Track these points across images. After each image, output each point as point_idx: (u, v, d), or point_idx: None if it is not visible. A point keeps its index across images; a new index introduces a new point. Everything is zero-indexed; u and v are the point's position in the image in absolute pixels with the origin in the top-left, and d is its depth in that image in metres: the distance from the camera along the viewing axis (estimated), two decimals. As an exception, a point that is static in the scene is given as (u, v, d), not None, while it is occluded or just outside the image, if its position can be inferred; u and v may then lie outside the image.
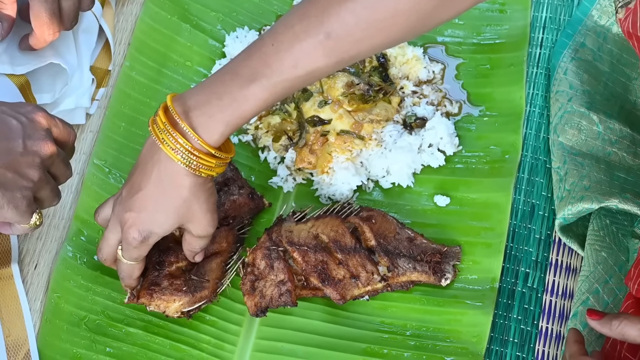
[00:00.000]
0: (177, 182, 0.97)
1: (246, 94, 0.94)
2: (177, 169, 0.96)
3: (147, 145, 0.98)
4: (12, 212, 0.94)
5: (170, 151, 0.95)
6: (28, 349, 1.08)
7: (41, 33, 1.10)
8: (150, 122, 0.97)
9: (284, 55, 0.93)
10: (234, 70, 0.96)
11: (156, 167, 0.97)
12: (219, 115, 0.94)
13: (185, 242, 1.05)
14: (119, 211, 1.00)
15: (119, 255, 1.03)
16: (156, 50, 1.31)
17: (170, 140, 0.94)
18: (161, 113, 0.96)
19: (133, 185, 0.98)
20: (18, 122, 0.94)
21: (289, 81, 0.94)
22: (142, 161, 0.98)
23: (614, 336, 0.92)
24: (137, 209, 0.98)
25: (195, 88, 0.97)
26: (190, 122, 0.94)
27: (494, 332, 1.12)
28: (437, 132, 1.22)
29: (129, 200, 0.98)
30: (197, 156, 0.95)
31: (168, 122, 0.95)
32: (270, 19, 1.35)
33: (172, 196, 0.97)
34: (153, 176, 0.97)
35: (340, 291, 1.09)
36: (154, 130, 0.96)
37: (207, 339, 1.11)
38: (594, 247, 1.10)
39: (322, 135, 1.21)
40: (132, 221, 0.99)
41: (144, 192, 0.98)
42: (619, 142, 1.18)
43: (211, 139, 0.95)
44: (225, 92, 0.94)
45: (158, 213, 0.98)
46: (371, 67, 1.24)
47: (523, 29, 1.31)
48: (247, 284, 1.09)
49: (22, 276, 1.13)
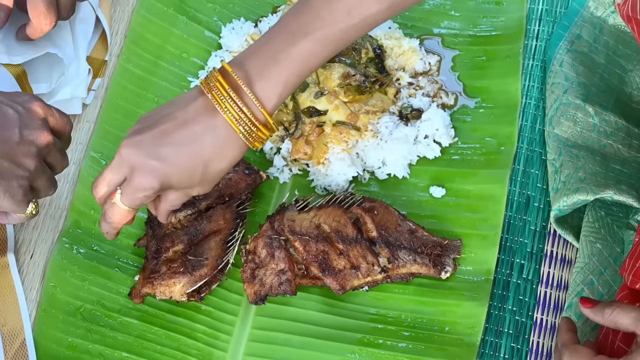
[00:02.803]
0: (225, 151, 0.95)
1: (299, 49, 0.93)
2: (232, 138, 0.94)
3: (199, 104, 0.94)
4: (8, 201, 0.94)
5: (233, 121, 0.93)
6: (24, 338, 1.08)
7: (38, 23, 1.10)
8: (205, 86, 0.94)
9: (336, 4, 0.92)
10: (285, 28, 0.94)
11: (209, 132, 0.93)
12: (276, 77, 0.93)
13: (167, 200, 1.00)
14: (136, 154, 0.94)
15: (116, 198, 0.97)
16: (152, 42, 1.31)
17: (235, 110, 0.93)
18: (221, 78, 0.93)
19: (166, 134, 0.94)
20: (15, 112, 0.94)
21: (343, 31, 0.93)
22: (189, 118, 0.94)
23: (606, 324, 0.92)
24: (166, 160, 0.94)
25: (248, 52, 0.95)
26: (253, 89, 0.93)
27: (489, 323, 1.13)
28: (432, 124, 1.22)
29: (157, 148, 0.94)
30: (256, 127, 0.94)
31: (232, 89, 0.93)
32: (266, 10, 1.35)
33: (213, 163, 0.95)
34: (202, 139, 0.94)
35: (340, 281, 1.09)
36: (214, 96, 0.93)
37: (203, 329, 1.12)
38: (589, 239, 1.10)
39: (318, 126, 1.21)
40: (153, 169, 0.93)
41: (182, 148, 0.94)
42: (614, 134, 1.18)
43: (270, 103, 0.94)
44: (278, 51, 0.93)
45: (186, 172, 0.95)
46: (367, 58, 1.24)
47: (519, 21, 1.31)
48: (247, 271, 1.09)
49: (18, 266, 1.13)
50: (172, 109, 0.96)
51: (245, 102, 0.93)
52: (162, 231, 1.12)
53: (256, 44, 0.96)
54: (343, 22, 0.93)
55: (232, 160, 0.96)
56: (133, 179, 0.95)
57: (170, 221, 1.13)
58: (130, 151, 0.94)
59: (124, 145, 0.95)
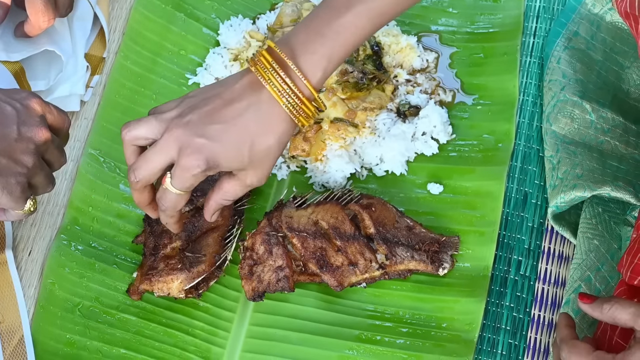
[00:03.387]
0: (270, 126, 0.94)
1: (343, 22, 0.94)
2: (277, 112, 0.94)
3: (245, 81, 0.95)
4: (7, 198, 0.94)
5: (276, 93, 0.93)
6: (22, 334, 1.09)
7: (36, 20, 1.10)
8: (251, 63, 0.94)
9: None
10: (328, 4, 0.95)
11: (254, 107, 0.93)
12: (321, 50, 0.93)
13: (221, 190, 0.99)
14: (183, 134, 0.92)
15: (167, 184, 0.95)
16: (150, 39, 1.31)
17: (278, 82, 0.93)
18: (266, 53, 0.94)
19: (213, 113, 0.93)
20: (12, 109, 0.94)
21: (385, 3, 0.94)
22: (235, 95, 0.94)
23: (604, 320, 0.92)
24: (213, 137, 0.92)
25: (294, 30, 0.96)
26: (297, 63, 0.93)
27: (487, 320, 1.13)
28: (430, 121, 1.22)
29: (203, 127, 0.93)
30: (301, 100, 0.93)
31: (277, 63, 0.93)
32: (264, 7, 1.35)
33: (259, 138, 0.94)
34: (246, 114, 0.93)
35: (338, 278, 1.09)
36: (258, 70, 0.93)
37: (201, 325, 1.12)
38: (586, 235, 1.10)
39: (315, 122, 1.21)
40: (200, 147, 0.92)
41: (228, 125, 0.93)
42: (611, 131, 1.18)
43: (315, 77, 0.94)
44: (323, 26, 0.94)
45: (234, 149, 0.93)
46: (365, 55, 1.24)
47: (517, 18, 1.31)
48: (245, 268, 1.09)
49: (17, 262, 1.13)
50: (220, 89, 0.96)
51: (289, 75, 0.93)
52: (160, 228, 1.12)
53: (301, 22, 0.96)
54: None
55: (279, 137, 0.95)
56: (181, 159, 0.93)
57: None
58: (179, 131, 0.93)
59: (172, 126, 0.93)
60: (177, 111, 0.95)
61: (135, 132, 0.95)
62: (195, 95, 0.96)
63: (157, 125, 0.94)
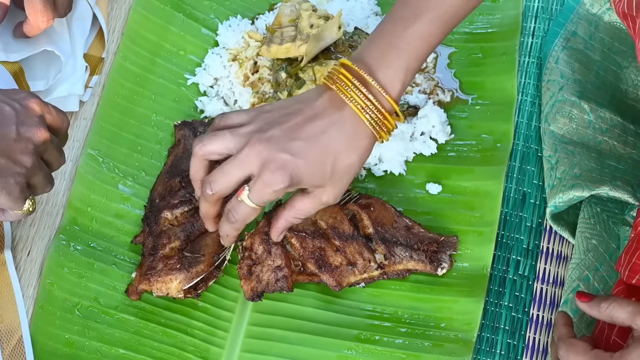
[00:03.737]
0: (353, 143, 0.94)
1: (414, 32, 0.94)
2: (360, 129, 0.94)
3: (325, 98, 0.95)
4: (5, 198, 0.94)
5: (359, 110, 0.93)
6: (21, 335, 1.09)
7: (35, 20, 1.10)
8: (330, 81, 0.95)
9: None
10: (395, 17, 0.96)
11: (337, 124, 0.94)
12: (396, 62, 0.94)
13: (293, 208, 0.98)
14: (265, 149, 0.92)
15: (244, 197, 0.94)
16: (149, 39, 1.31)
17: (361, 98, 0.93)
18: (344, 71, 0.94)
19: (296, 129, 0.93)
20: (11, 109, 0.94)
21: (453, 7, 0.96)
22: (317, 112, 0.94)
23: (602, 318, 0.92)
24: (297, 154, 0.92)
25: (364, 46, 0.97)
26: (376, 78, 0.94)
27: (485, 320, 1.13)
28: (429, 121, 1.22)
29: (287, 142, 0.93)
30: (383, 115, 0.94)
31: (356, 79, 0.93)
32: (263, 7, 1.35)
33: (342, 156, 0.94)
34: (330, 131, 0.93)
35: (336, 278, 1.09)
36: (339, 88, 0.94)
37: (200, 325, 1.12)
38: (585, 235, 1.10)
39: (314, 123, 1.21)
40: (284, 163, 0.92)
41: (312, 142, 0.93)
42: (609, 131, 1.18)
43: (394, 90, 0.94)
44: (395, 38, 0.95)
45: (317, 166, 0.93)
46: (364, 55, 1.24)
47: (515, 18, 1.31)
48: (244, 268, 1.09)
49: (15, 263, 1.13)
50: (300, 105, 0.96)
51: (370, 90, 0.94)
52: (159, 228, 1.13)
53: (370, 38, 0.97)
54: None
55: (361, 153, 0.95)
56: (264, 175, 0.93)
57: (167, 218, 1.13)
58: (262, 147, 0.93)
59: (253, 141, 0.93)
60: (255, 126, 0.95)
61: (210, 147, 0.95)
62: (272, 110, 0.97)
63: (233, 140, 0.94)
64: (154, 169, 1.22)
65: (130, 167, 1.22)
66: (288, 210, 0.99)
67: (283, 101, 0.98)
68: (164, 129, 1.25)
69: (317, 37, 1.20)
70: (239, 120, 0.97)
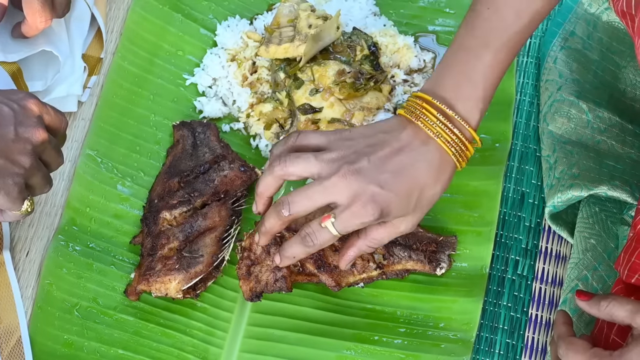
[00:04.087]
0: (439, 175, 0.97)
1: (487, 62, 0.97)
2: (445, 161, 0.97)
3: (410, 132, 0.97)
4: (4, 198, 0.94)
5: (445, 144, 0.96)
6: (19, 335, 1.09)
7: (33, 21, 1.10)
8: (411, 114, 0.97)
9: (504, 11, 0.96)
10: (464, 46, 0.98)
11: (423, 157, 0.96)
12: (474, 94, 0.96)
13: (368, 237, 1.00)
14: (356, 181, 0.94)
15: (328, 224, 0.95)
16: (148, 40, 1.31)
17: (447, 133, 0.95)
18: (428, 107, 0.96)
19: (385, 161, 0.95)
20: (10, 109, 0.95)
21: (517, 33, 0.97)
22: (404, 145, 0.96)
23: (602, 317, 0.92)
24: (386, 186, 0.94)
25: (435, 79, 0.99)
26: (457, 111, 0.96)
27: (484, 319, 1.13)
28: (427, 121, 1.22)
29: (377, 175, 0.94)
30: (465, 146, 0.97)
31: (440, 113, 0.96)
32: (261, 7, 1.35)
33: (428, 187, 0.96)
34: (417, 164, 0.95)
35: (335, 278, 1.09)
36: (425, 124, 0.96)
37: (199, 326, 1.12)
38: (583, 235, 1.10)
39: (313, 123, 1.21)
40: (374, 196, 0.94)
41: (401, 175, 0.95)
42: (608, 131, 1.18)
43: (474, 121, 0.97)
44: (468, 70, 0.97)
45: (405, 198, 0.96)
46: (362, 55, 1.24)
47: (513, 18, 1.31)
48: (243, 268, 1.09)
49: (14, 263, 1.13)
50: (383, 135, 0.97)
51: (454, 124, 0.96)
52: (158, 228, 1.13)
53: (441, 68, 0.99)
54: (515, 24, 0.97)
55: (444, 184, 0.98)
56: (353, 206, 0.94)
57: (166, 218, 1.13)
58: (352, 178, 0.94)
59: (344, 171, 0.94)
60: (340, 154, 0.96)
61: (292, 169, 0.97)
62: (354, 139, 0.98)
63: (317, 165, 0.96)
64: (153, 169, 1.22)
65: (129, 168, 1.22)
66: (363, 239, 1.00)
67: (363, 129, 0.99)
68: (163, 129, 1.25)
69: (316, 37, 1.20)
70: (317, 142, 0.98)
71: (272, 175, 0.98)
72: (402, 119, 0.98)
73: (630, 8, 0.96)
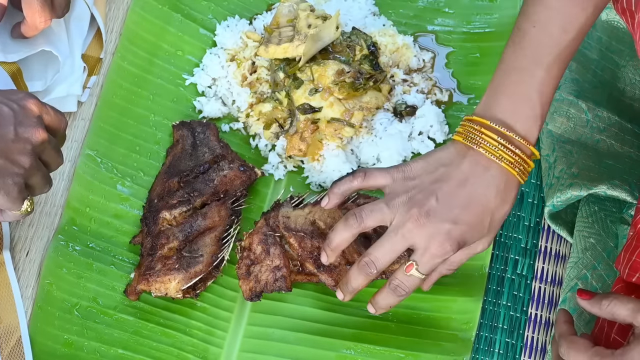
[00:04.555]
0: (506, 196, 0.98)
1: (541, 80, 0.98)
2: (510, 182, 0.98)
3: (472, 160, 0.98)
4: (3, 198, 0.94)
5: (509, 166, 0.97)
6: (19, 335, 1.09)
7: (33, 21, 1.10)
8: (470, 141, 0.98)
9: (551, 28, 0.97)
10: (515, 66, 0.99)
11: (489, 183, 0.97)
12: (532, 113, 0.97)
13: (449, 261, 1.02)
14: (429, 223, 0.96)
15: (414, 272, 0.99)
16: (147, 40, 1.31)
17: (509, 155, 0.96)
18: (486, 131, 0.97)
19: (452, 197, 0.97)
20: (9, 109, 0.95)
21: (566, 48, 0.98)
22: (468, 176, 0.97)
23: (603, 316, 0.92)
24: (459, 221, 0.96)
25: (489, 100, 0.99)
26: (517, 132, 0.97)
27: (484, 319, 1.13)
28: (427, 120, 1.23)
29: (447, 213, 0.96)
30: (527, 163, 0.98)
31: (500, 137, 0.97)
32: (261, 7, 1.35)
33: (498, 210, 0.98)
34: (486, 192, 0.97)
35: (335, 277, 1.09)
36: (488, 150, 0.97)
37: (198, 325, 1.12)
38: (583, 234, 1.11)
39: (312, 122, 1.21)
40: (448, 233, 0.96)
41: (470, 206, 0.97)
42: (607, 130, 1.18)
43: (533, 138, 0.98)
44: (524, 88, 0.98)
45: (478, 226, 0.98)
46: (361, 55, 1.24)
47: (513, 17, 1.30)
48: (242, 268, 1.09)
49: (14, 263, 1.13)
50: (445, 169, 0.99)
51: (515, 145, 0.97)
52: (157, 228, 1.13)
53: (491, 92, 1.00)
54: (563, 40, 0.98)
55: (512, 201, 0.99)
56: (431, 247, 0.97)
57: (166, 218, 1.13)
58: (424, 220, 0.96)
59: (415, 215, 0.97)
60: (407, 195, 0.98)
61: (369, 223, 1.00)
62: (417, 177, 0.99)
63: (389, 213, 0.99)
64: (153, 169, 1.22)
65: (128, 168, 1.22)
66: (443, 264, 1.02)
67: (423, 163, 1.00)
68: (162, 129, 1.25)
69: (315, 37, 1.20)
70: (383, 183, 1.01)
71: (350, 232, 1.01)
72: (460, 147, 0.99)
73: (631, 5, 0.96)
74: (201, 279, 1.10)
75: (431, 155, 1.01)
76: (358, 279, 1.02)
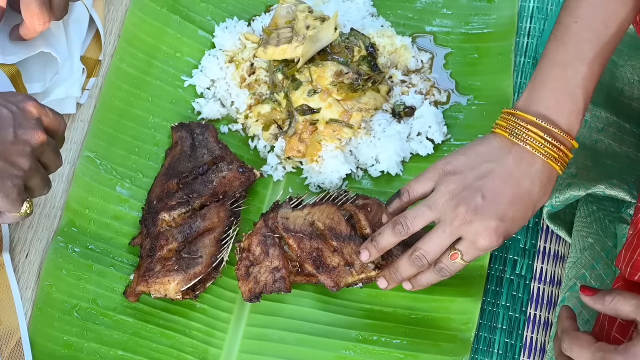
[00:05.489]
0: (547, 189, 1.01)
1: (584, 75, 0.99)
2: (552, 175, 1.01)
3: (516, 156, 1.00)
4: (3, 200, 0.94)
5: (553, 162, 0.99)
6: (20, 337, 1.09)
7: (32, 23, 1.10)
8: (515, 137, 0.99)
9: (593, 23, 0.98)
10: (556, 62, 1.00)
11: (533, 178, 0.99)
12: (575, 108, 0.99)
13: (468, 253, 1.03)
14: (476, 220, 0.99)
15: (459, 260, 1.02)
16: (146, 42, 1.31)
17: (554, 151, 0.99)
18: (532, 128, 0.99)
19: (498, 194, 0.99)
20: (9, 112, 0.95)
21: (607, 44, 0.99)
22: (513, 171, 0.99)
23: (607, 312, 0.92)
24: (505, 218, 0.99)
25: (532, 95, 1.01)
26: (560, 128, 0.98)
27: (483, 319, 1.13)
28: (425, 121, 1.23)
29: (493, 210, 0.99)
30: (567, 156, 1.00)
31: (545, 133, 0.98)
32: (259, 9, 1.35)
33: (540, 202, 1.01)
34: (531, 188, 0.99)
35: (334, 278, 1.09)
36: (534, 147, 0.98)
37: (198, 327, 1.12)
38: (581, 234, 1.11)
39: (311, 124, 1.21)
40: (495, 229, 0.99)
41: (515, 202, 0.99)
42: (605, 130, 1.18)
43: (575, 132, 1.00)
44: (567, 84, 0.99)
45: (522, 220, 1.01)
46: (360, 56, 1.25)
47: (511, 18, 1.31)
48: (242, 269, 1.09)
49: (14, 265, 1.13)
50: (489, 165, 1.00)
51: (559, 141, 0.99)
52: (157, 230, 1.13)
53: (533, 86, 1.02)
54: (605, 35, 0.99)
55: (550, 192, 1.02)
56: (478, 242, 1.00)
57: (165, 219, 1.14)
58: (470, 218, 0.99)
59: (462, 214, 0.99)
60: (450, 193, 1.00)
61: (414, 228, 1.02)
62: (460, 173, 1.01)
63: (432, 214, 1.01)
64: (152, 171, 1.22)
65: (127, 169, 1.22)
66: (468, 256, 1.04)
67: (465, 158, 1.02)
68: (161, 131, 1.25)
69: (314, 38, 1.21)
70: (425, 189, 1.03)
71: (398, 238, 1.04)
72: (504, 141, 1.01)
73: None
74: (201, 281, 1.10)
75: (472, 149, 1.02)
76: (409, 270, 1.04)
